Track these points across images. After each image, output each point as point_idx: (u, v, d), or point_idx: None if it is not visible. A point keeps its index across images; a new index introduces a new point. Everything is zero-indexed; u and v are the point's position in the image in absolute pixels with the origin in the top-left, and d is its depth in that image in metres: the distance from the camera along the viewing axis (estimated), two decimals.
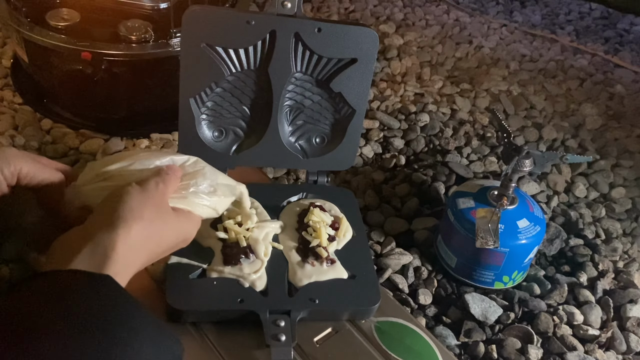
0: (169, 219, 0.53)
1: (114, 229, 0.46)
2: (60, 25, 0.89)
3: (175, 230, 0.54)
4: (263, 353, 0.60)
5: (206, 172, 0.59)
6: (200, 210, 0.58)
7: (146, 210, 0.50)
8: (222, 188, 0.61)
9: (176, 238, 0.55)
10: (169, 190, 0.55)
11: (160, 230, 0.51)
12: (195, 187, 0.57)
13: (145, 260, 0.50)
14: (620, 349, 0.73)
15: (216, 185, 0.60)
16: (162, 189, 0.54)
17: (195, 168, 0.59)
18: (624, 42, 1.48)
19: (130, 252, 0.46)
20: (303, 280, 0.66)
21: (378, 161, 1.01)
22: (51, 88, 0.97)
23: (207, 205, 0.59)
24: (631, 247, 0.88)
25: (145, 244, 0.49)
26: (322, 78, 0.74)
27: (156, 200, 0.52)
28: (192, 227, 0.57)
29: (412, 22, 1.47)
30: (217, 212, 0.61)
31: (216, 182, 0.60)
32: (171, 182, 0.56)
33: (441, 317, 0.75)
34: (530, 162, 0.72)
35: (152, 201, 0.51)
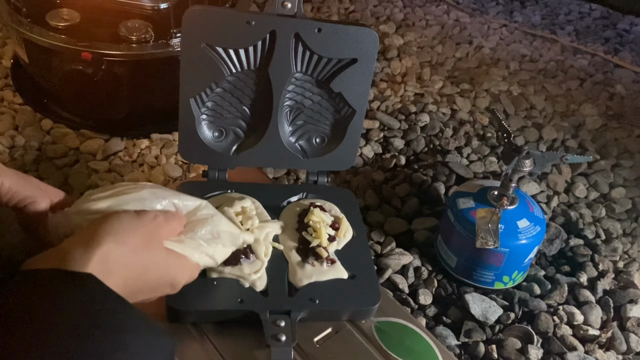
0: (158, 255, 0.49)
1: (91, 249, 0.42)
2: (60, 25, 0.89)
3: (162, 270, 0.49)
4: (263, 353, 0.60)
5: (208, 219, 0.55)
6: (196, 257, 0.54)
7: (133, 238, 0.46)
8: (224, 236, 0.57)
9: (161, 278, 0.50)
10: (168, 228, 0.51)
11: (144, 262, 0.47)
12: (194, 233, 0.54)
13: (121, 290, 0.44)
14: (620, 349, 0.73)
15: (218, 233, 0.56)
16: (160, 222, 0.50)
17: (199, 215, 0.55)
18: (624, 42, 1.48)
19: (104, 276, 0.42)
20: (303, 281, 0.66)
21: (378, 161, 1.01)
22: (51, 88, 0.97)
23: (205, 253, 0.55)
24: (631, 247, 0.88)
25: (123, 272, 0.44)
26: (322, 78, 0.74)
27: (149, 230, 0.48)
28: (183, 272, 0.52)
29: (412, 22, 1.47)
30: (215, 262, 0.57)
31: (218, 230, 0.56)
32: (173, 222, 0.51)
33: (441, 317, 0.75)
34: (530, 162, 0.72)
35: (143, 230, 0.47)
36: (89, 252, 0.42)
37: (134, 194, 0.51)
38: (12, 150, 0.93)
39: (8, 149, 0.93)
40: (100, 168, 0.92)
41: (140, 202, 0.51)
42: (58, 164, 0.92)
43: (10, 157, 0.92)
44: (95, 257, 0.42)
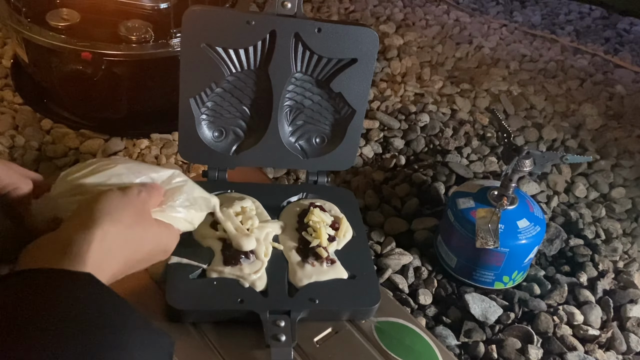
0: (150, 227, 0.52)
1: (90, 231, 0.44)
2: (60, 25, 0.89)
3: (155, 239, 0.52)
4: (263, 353, 0.60)
5: (183, 187, 0.58)
6: (178, 223, 0.57)
7: (125, 215, 0.48)
8: (198, 201, 0.60)
9: (155, 247, 0.53)
10: (151, 200, 0.53)
11: (139, 237, 0.49)
12: (172, 202, 0.57)
13: (122, 266, 0.47)
14: (620, 349, 0.73)
15: (192, 199, 0.59)
16: (144, 197, 0.52)
17: (173, 183, 0.58)
18: (624, 42, 1.48)
19: (106, 256, 0.44)
20: (303, 281, 0.66)
21: (378, 161, 1.01)
22: (51, 88, 0.97)
23: (184, 219, 0.58)
24: (631, 247, 0.88)
25: (122, 249, 0.47)
26: (322, 78, 0.74)
27: (137, 206, 0.50)
28: (172, 239, 0.56)
29: (412, 22, 1.47)
30: (193, 226, 0.61)
31: (192, 196, 0.59)
32: (154, 194, 0.54)
33: (441, 317, 0.75)
34: (530, 162, 0.72)
35: (133, 207, 0.49)
36: (89, 235, 0.43)
37: (110, 171, 0.53)
38: (12, 150, 0.93)
39: (8, 149, 0.93)
40: None
41: (117, 177, 0.53)
42: (58, 164, 0.92)
43: (10, 157, 0.92)
44: (96, 239, 0.43)
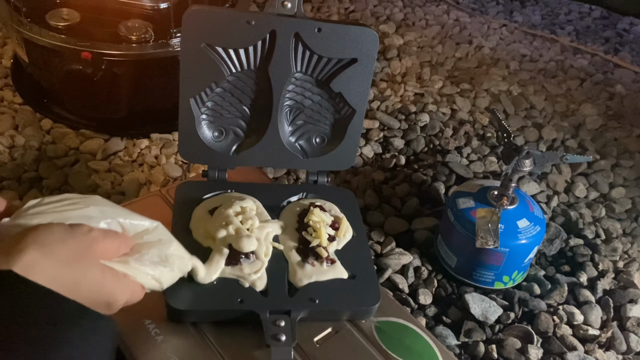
0: (90, 272, 0.45)
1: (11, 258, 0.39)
2: (60, 25, 0.89)
3: (96, 286, 0.45)
4: (263, 353, 0.60)
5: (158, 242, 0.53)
6: (141, 278, 0.51)
7: (62, 251, 0.42)
8: (172, 259, 0.54)
9: (94, 296, 0.45)
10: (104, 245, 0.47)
11: (74, 279, 0.43)
12: (140, 255, 0.51)
13: None
14: (620, 349, 0.73)
15: (165, 256, 0.54)
16: (95, 237, 0.46)
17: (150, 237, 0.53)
18: (623, 42, 1.48)
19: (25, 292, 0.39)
20: (303, 280, 0.66)
21: (378, 161, 1.01)
22: (51, 88, 0.97)
23: (149, 275, 0.52)
24: (631, 247, 0.88)
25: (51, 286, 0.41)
26: (322, 78, 0.74)
27: (81, 245, 0.44)
28: (122, 291, 0.48)
29: (412, 22, 1.47)
30: (160, 285, 0.54)
31: (167, 253, 0.54)
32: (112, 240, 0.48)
33: (441, 317, 0.75)
34: (530, 162, 0.72)
35: (74, 243, 0.44)
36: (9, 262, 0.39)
37: (79, 211, 0.49)
38: (12, 150, 0.93)
39: (8, 149, 0.93)
40: (100, 168, 0.92)
41: (85, 219, 0.48)
42: (58, 164, 0.92)
43: (10, 157, 0.92)
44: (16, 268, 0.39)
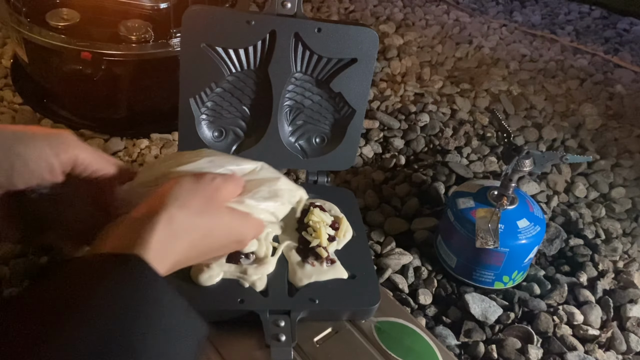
0: (221, 215, 0.51)
1: (156, 215, 0.44)
2: (60, 25, 0.89)
3: (227, 228, 0.51)
4: (263, 353, 0.60)
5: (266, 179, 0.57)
6: (259, 214, 0.55)
7: (195, 201, 0.47)
8: (282, 193, 0.58)
9: (228, 237, 0.52)
10: (227, 189, 0.52)
11: (209, 223, 0.49)
12: (253, 193, 0.55)
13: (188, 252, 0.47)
14: (620, 349, 0.73)
15: (274, 191, 0.57)
16: (218, 184, 0.51)
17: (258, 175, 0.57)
18: (623, 42, 1.48)
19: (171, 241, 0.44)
20: (303, 280, 0.66)
21: (378, 161, 1.01)
22: (51, 88, 0.97)
23: (265, 210, 0.56)
24: (631, 247, 0.88)
25: (189, 235, 0.46)
26: (322, 78, 0.74)
27: (208, 193, 0.49)
28: (249, 229, 0.54)
29: (412, 22, 1.47)
30: (276, 218, 0.58)
31: (274, 188, 0.57)
32: (230, 183, 0.53)
33: (441, 317, 0.75)
34: (530, 162, 0.72)
35: (204, 193, 0.49)
36: (155, 218, 0.44)
37: (193, 165, 0.53)
38: None
39: None
40: None
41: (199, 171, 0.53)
42: None
43: None
44: (161, 222, 0.44)
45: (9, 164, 0.46)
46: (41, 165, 0.47)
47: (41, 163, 0.47)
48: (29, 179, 0.47)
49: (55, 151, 0.48)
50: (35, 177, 0.47)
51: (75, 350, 0.34)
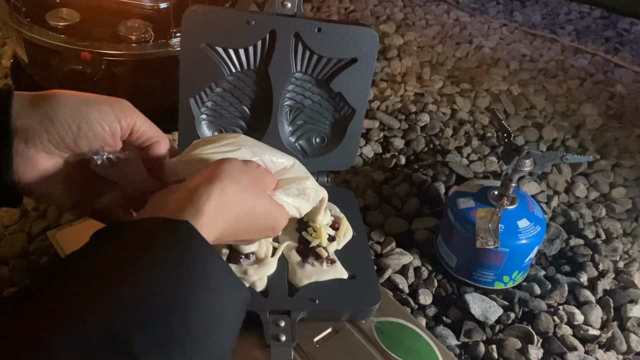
0: (264, 198, 0.53)
1: (211, 184, 0.46)
2: (60, 25, 0.89)
3: (267, 210, 0.54)
4: (263, 353, 0.60)
5: (296, 177, 0.60)
6: (287, 207, 0.58)
7: (244, 179, 0.50)
8: (309, 192, 0.61)
9: (266, 220, 0.54)
10: (268, 179, 0.55)
11: (253, 202, 0.51)
12: (283, 189, 0.58)
13: (234, 225, 0.49)
14: (620, 349, 0.73)
15: (302, 189, 0.60)
16: (262, 171, 0.54)
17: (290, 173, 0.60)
18: (624, 42, 1.48)
19: (222, 210, 0.46)
20: (303, 281, 0.66)
21: (378, 161, 1.01)
22: (51, 88, 0.97)
23: (293, 205, 0.59)
24: (631, 247, 0.88)
25: (237, 208, 0.48)
26: (322, 78, 0.74)
27: (255, 176, 0.52)
28: (282, 218, 0.57)
29: (412, 22, 1.47)
30: (300, 214, 0.61)
31: (303, 186, 0.60)
32: (270, 175, 0.56)
33: (441, 317, 0.75)
34: (530, 162, 0.72)
35: (251, 175, 0.51)
36: (210, 187, 0.46)
37: (235, 153, 0.55)
38: None
39: None
40: None
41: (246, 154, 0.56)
42: None
43: None
44: (216, 191, 0.46)
45: (76, 125, 0.47)
46: (105, 129, 0.49)
47: (105, 126, 0.49)
48: (92, 142, 0.49)
49: (117, 115, 0.50)
50: (98, 139, 0.49)
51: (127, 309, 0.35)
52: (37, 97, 0.48)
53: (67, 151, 0.49)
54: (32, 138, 0.46)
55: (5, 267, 0.73)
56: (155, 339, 0.34)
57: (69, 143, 0.48)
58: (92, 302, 0.35)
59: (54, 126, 0.47)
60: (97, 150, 0.49)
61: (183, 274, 0.39)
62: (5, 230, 0.79)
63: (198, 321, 0.38)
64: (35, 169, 0.48)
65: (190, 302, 0.38)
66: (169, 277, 0.38)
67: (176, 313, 0.37)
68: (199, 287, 0.39)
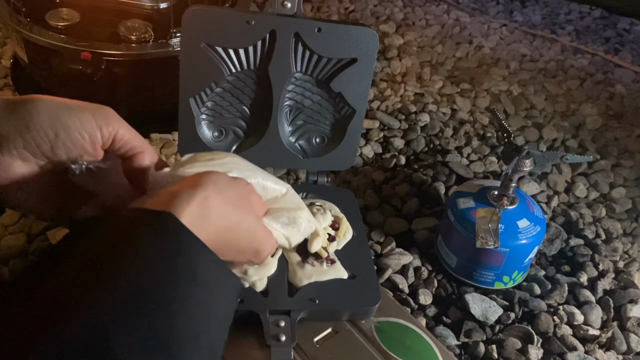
0: (250, 216, 0.50)
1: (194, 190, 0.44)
2: (60, 25, 0.89)
3: (253, 232, 0.51)
4: (263, 353, 0.60)
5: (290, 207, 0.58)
6: (276, 235, 0.56)
7: (229, 193, 0.47)
8: (300, 222, 0.59)
9: (251, 242, 0.51)
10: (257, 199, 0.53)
11: (237, 218, 0.48)
12: (273, 216, 0.56)
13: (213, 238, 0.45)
14: (620, 349, 0.73)
15: (295, 219, 0.58)
16: (251, 190, 0.52)
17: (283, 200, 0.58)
18: (624, 41, 1.48)
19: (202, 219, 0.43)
20: (303, 281, 0.66)
21: (378, 161, 1.01)
22: (51, 88, 0.97)
23: (281, 234, 0.57)
24: (631, 247, 0.88)
25: (218, 221, 0.45)
26: (322, 78, 0.73)
27: (243, 191, 0.50)
28: (268, 243, 0.53)
29: (412, 22, 1.47)
30: (289, 244, 0.59)
31: (295, 216, 0.58)
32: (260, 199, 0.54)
33: (441, 317, 0.75)
34: (530, 162, 0.72)
35: (239, 190, 0.49)
36: (193, 192, 0.44)
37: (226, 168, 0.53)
38: None
39: None
40: None
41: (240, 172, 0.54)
42: None
43: None
44: (198, 198, 0.43)
45: (53, 133, 0.45)
46: (84, 137, 0.47)
47: (84, 134, 0.47)
48: (71, 150, 0.47)
49: (99, 124, 0.48)
50: (77, 148, 0.47)
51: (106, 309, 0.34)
52: (14, 102, 0.46)
53: (44, 159, 0.47)
54: (6, 144, 0.44)
55: (5, 267, 0.73)
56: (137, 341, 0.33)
57: (46, 151, 0.46)
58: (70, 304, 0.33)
59: (29, 132, 0.45)
60: (75, 159, 0.47)
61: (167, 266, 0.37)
62: (5, 230, 0.79)
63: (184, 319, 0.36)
64: (9, 175, 0.46)
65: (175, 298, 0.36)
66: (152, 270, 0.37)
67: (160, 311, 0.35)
68: (184, 280, 0.38)
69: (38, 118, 0.45)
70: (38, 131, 0.45)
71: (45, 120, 0.45)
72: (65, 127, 0.46)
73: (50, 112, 0.45)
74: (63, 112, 0.46)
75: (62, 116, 0.46)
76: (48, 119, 0.45)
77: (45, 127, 0.45)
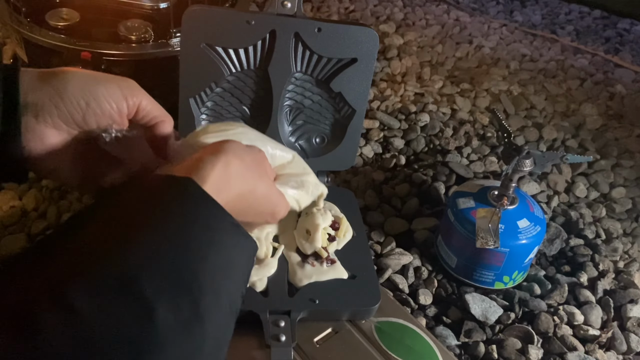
0: (266, 179, 0.53)
1: (216, 156, 0.47)
2: (60, 25, 0.89)
3: (268, 194, 0.54)
4: (263, 353, 0.60)
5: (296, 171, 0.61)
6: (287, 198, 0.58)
7: (247, 157, 0.50)
8: (308, 185, 0.61)
9: (267, 204, 0.54)
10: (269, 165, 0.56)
11: (255, 181, 0.51)
12: (283, 181, 0.59)
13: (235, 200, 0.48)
14: (620, 349, 0.73)
15: (303, 182, 0.61)
16: (264, 156, 0.55)
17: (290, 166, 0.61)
18: (624, 41, 1.48)
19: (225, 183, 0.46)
20: (303, 281, 0.66)
21: (378, 161, 1.01)
22: None
23: (292, 197, 0.59)
24: (631, 247, 0.88)
25: (239, 183, 0.48)
26: (322, 78, 0.74)
27: (258, 158, 0.53)
28: (283, 205, 0.56)
29: (412, 22, 1.47)
30: (299, 206, 0.61)
31: (303, 179, 0.61)
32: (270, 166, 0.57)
33: (441, 317, 0.75)
34: (530, 162, 0.72)
35: (254, 156, 0.52)
36: (215, 158, 0.46)
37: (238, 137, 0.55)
38: None
39: None
40: None
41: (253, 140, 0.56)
42: None
43: None
44: (221, 163, 0.46)
45: (85, 102, 0.48)
46: (112, 106, 0.49)
47: (112, 104, 0.49)
48: (100, 119, 0.49)
49: (124, 94, 0.50)
50: (106, 117, 0.49)
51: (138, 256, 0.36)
52: (46, 73, 0.48)
53: (76, 128, 0.49)
54: (42, 113, 0.47)
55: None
56: (165, 284, 0.36)
57: (78, 119, 0.48)
58: (105, 251, 0.36)
59: (63, 102, 0.47)
60: (105, 128, 0.50)
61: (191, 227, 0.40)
62: (5, 230, 0.79)
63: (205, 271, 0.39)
64: (44, 144, 0.48)
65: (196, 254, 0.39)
66: (177, 229, 0.39)
67: (185, 262, 0.38)
68: (204, 240, 0.40)
69: (70, 88, 0.47)
70: (71, 101, 0.47)
71: (77, 90, 0.48)
72: (95, 97, 0.48)
73: (81, 83, 0.48)
74: (93, 83, 0.49)
75: (92, 86, 0.48)
76: (80, 89, 0.48)
77: (77, 97, 0.48)
